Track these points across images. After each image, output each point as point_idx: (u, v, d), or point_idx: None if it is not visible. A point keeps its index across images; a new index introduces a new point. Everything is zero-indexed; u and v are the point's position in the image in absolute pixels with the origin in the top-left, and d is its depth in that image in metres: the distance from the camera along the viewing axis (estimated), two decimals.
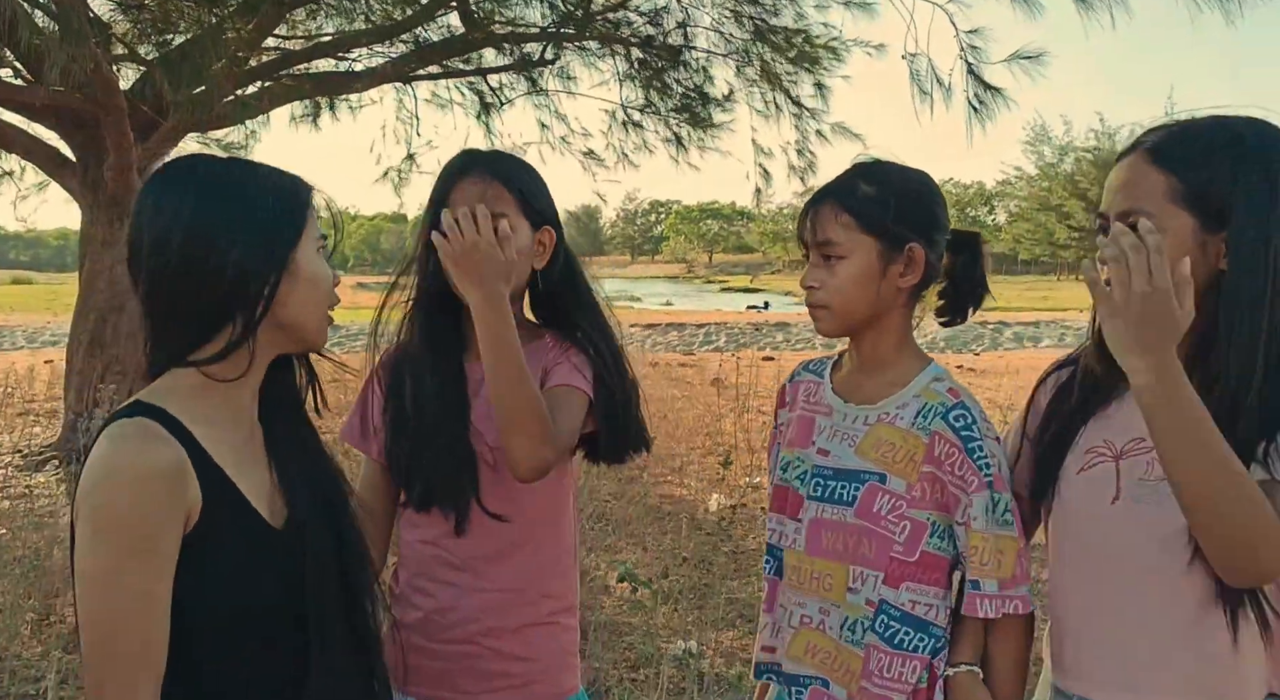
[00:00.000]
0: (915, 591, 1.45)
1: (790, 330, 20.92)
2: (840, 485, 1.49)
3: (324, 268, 1.26)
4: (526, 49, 7.81)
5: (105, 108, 6.05)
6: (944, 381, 1.50)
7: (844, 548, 1.48)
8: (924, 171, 1.56)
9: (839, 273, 1.48)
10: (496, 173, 1.59)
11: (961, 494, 1.44)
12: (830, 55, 7.97)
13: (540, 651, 1.63)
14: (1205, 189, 1.26)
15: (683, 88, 7.88)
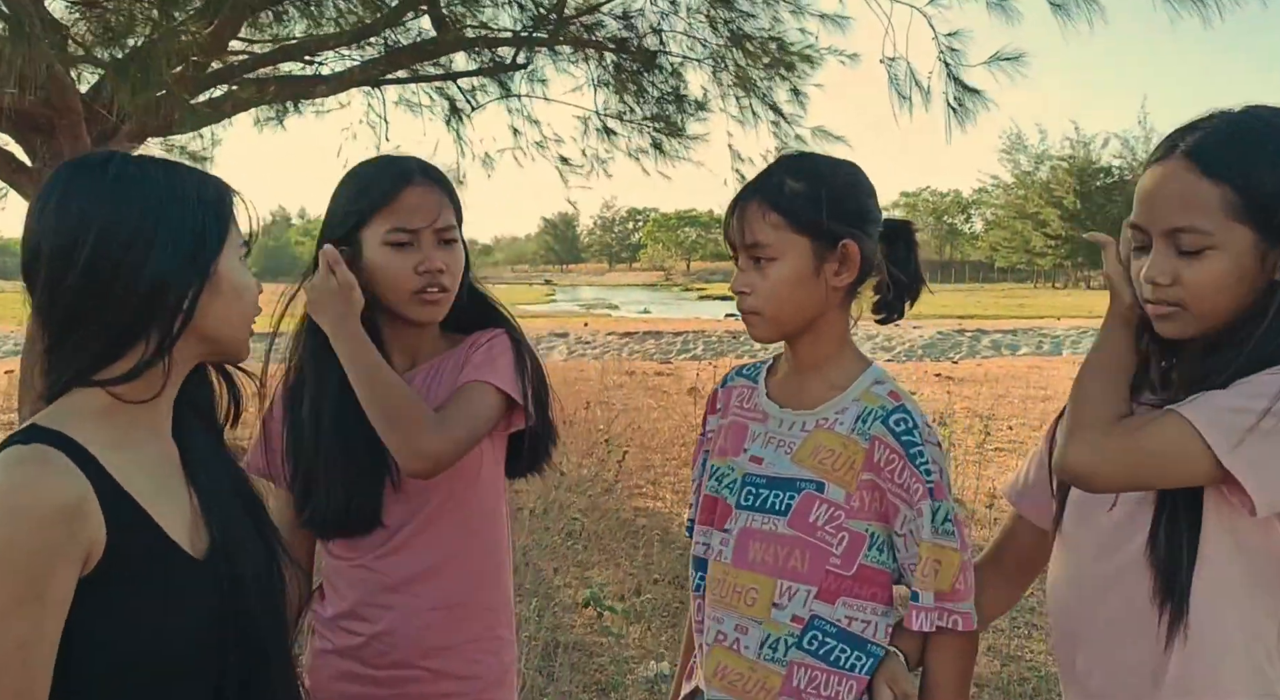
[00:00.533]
0: (853, 607, 1.39)
1: None
2: (774, 494, 1.42)
3: (247, 277, 1.16)
4: (498, 53, 7.67)
5: (60, 111, 5.87)
6: (885, 384, 1.44)
7: (773, 560, 1.40)
8: (852, 162, 1.49)
9: (771, 275, 1.40)
10: (439, 181, 1.58)
11: (902, 503, 1.36)
12: (805, 63, 7.90)
13: (483, 669, 1.59)
14: (1267, 200, 1.15)
15: (658, 93, 7.77)
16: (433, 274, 1.52)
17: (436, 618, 1.55)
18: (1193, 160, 1.17)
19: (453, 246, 1.55)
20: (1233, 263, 1.15)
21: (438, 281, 1.52)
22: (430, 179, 1.56)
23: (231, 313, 1.14)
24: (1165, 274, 1.18)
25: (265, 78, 7.14)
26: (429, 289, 1.53)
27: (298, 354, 1.61)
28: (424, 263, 1.51)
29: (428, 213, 1.52)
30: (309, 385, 1.57)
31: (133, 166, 1.10)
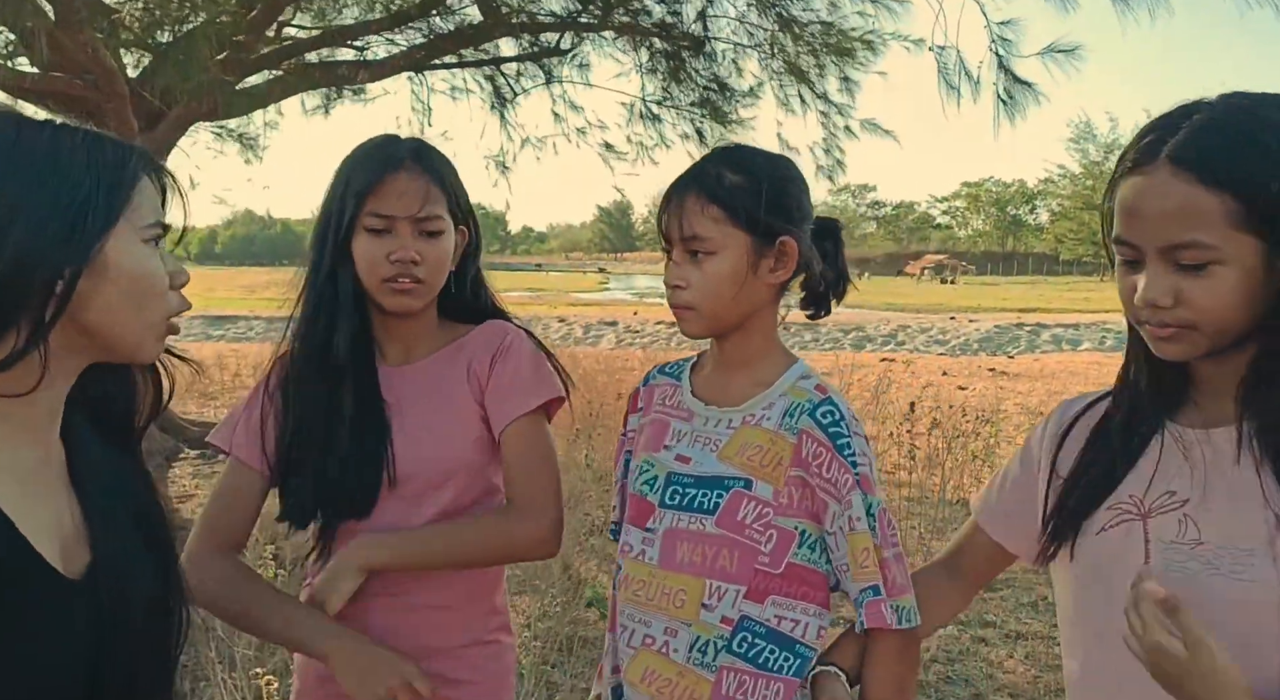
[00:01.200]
0: (782, 606, 1.34)
1: (819, 330, 20.60)
2: (701, 493, 1.37)
3: (151, 264, 0.98)
4: (543, 38, 7.61)
5: (107, 95, 5.93)
6: (811, 379, 1.41)
7: (701, 560, 1.35)
8: (787, 157, 1.45)
9: (708, 270, 1.36)
10: (429, 169, 1.49)
11: (831, 499, 1.31)
12: (865, 48, 7.69)
13: (480, 674, 1.53)
14: (1274, 205, 1.00)
15: (703, 80, 7.63)
16: (405, 264, 1.46)
17: (431, 619, 1.50)
18: (1183, 167, 1.03)
19: (435, 238, 1.48)
20: (1242, 276, 1.02)
21: (409, 272, 1.46)
22: (421, 166, 1.48)
23: (124, 305, 0.97)
24: (1166, 294, 1.05)
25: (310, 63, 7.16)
26: (400, 278, 1.46)
27: (293, 344, 1.55)
28: (397, 251, 1.46)
29: (408, 202, 1.45)
30: (303, 379, 1.52)
31: (11, 130, 0.94)
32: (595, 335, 19.46)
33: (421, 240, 1.47)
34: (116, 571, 0.99)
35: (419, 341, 1.56)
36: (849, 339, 19.59)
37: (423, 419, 1.50)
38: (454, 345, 1.56)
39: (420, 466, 1.48)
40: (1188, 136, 1.04)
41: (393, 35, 7.40)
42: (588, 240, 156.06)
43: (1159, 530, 1.11)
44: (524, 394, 1.50)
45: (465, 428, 1.51)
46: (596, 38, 7.76)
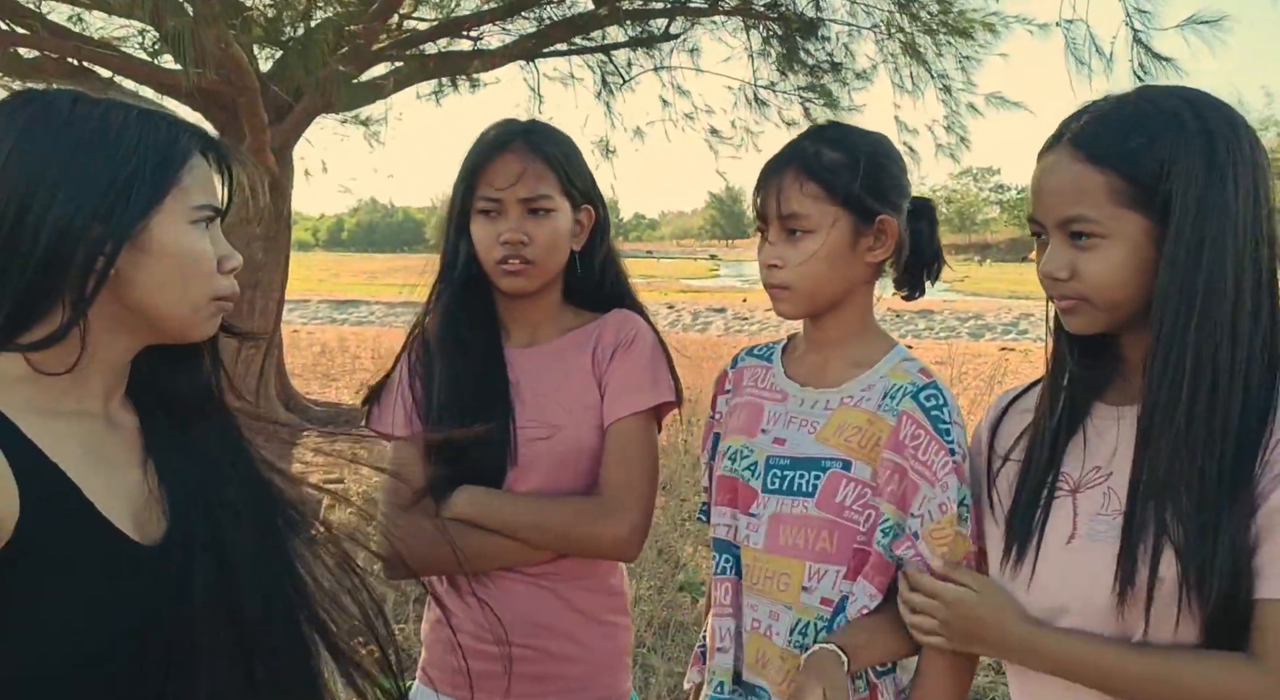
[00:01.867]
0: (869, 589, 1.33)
1: (934, 317, 19.99)
2: (799, 475, 1.36)
3: (199, 245, 0.98)
4: (653, 24, 7.59)
5: (239, 90, 6.23)
6: (914, 362, 1.39)
7: (804, 543, 1.35)
8: (884, 134, 1.41)
9: (805, 248, 1.33)
10: (537, 148, 1.48)
11: (924, 482, 1.28)
12: (985, 30, 7.39)
13: (592, 653, 1.53)
14: (1149, 183, 1.08)
15: (813, 62, 7.47)
16: (513, 245, 1.46)
17: (545, 596, 1.51)
18: (1076, 146, 1.12)
19: (544, 218, 1.48)
20: (1130, 251, 1.09)
21: (518, 253, 1.46)
22: (528, 145, 1.48)
23: (168, 284, 0.96)
24: (1062, 267, 1.13)
25: (426, 54, 7.36)
26: (510, 260, 1.47)
27: (426, 325, 1.58)
28: (505, 232, 1.46)
29: (510, 180, 1.46)
30: (449, 353, 1.54)
31: (63, 105, 0.95)
32: (704, 322, 19.43)
33: (530, 220, 1.47)
34: (193, 539, 0.99)
35: (543, 324, 1.57)
36: (966, 327, 18.93)
37: (543, 402, 1.51)
38: (581, 331, 1.56)
39: (539, 447, 1.49)
40: (1087, 120, 1.13)
41: (506, 24, 7.52)
42: (699, 227, 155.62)
43: (1086, 504, 1.17)
44: (637, 392, 1.50)
45: (584, 413, 1.51)
46: (707, 21, 7.70)
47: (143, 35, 8.16)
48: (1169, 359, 1.07)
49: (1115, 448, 1.17)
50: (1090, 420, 1.21)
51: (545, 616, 1.50)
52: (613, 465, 1.48)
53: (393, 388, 1.58)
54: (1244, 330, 1.06)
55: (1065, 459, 1.21)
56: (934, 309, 21.94)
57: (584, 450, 1.50)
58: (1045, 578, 1.18)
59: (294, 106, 7.01)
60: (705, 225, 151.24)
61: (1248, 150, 1.08)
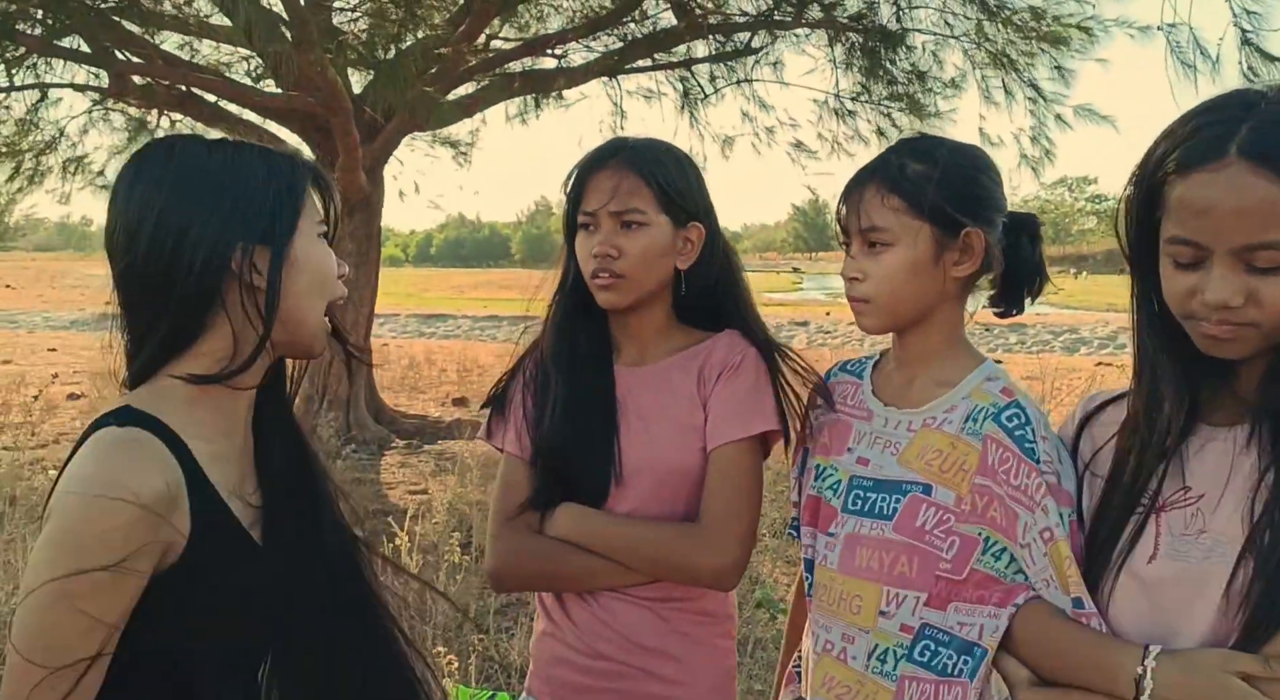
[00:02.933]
0: (964, 612, 1.27)
1: (1026, 331, 19.38)
2: (880, 497, 1.34)
3: (326, 255, 1.13)
4: (735, 38, 7.60)
5: (333, 111, 6.47)
6: (997, 381, 1.34)
7: (880, 566, 1.32)
8: (977, 146, 1.38)
9: (886, 262, 1.31)
10: (634, 164, 1.49)
11: (1022, 508, 1.23)
12: (1083, 34, 7.16)
13: (699, 675, 1.51)
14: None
15: (900, 73, 7.36)
16: (602, 258, 1.46)
17: (648, 616, 1.49)
18: (1259, 163, 0.97)
19: (636, 230, 1.47)
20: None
21: (607, 266, 1.47)
22: (625, 161, 1.48)
23: (310, 292, 1.10)
24: (1239, 294, 1.01)
25: (512, 73, 7.50)
26: (600, 273, 1.47)
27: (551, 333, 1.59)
28: (596, 245, 1.47)
29: (604, 195, 1.47)
30: (561, 371, 1.55)
31: (197, 148, 1.08)
32: (786, 335, 19.18)
33: (621, 234, 1.47)
34: (292, 544, 1.11)
35: (652, 343, 1.56)
36: (1059, 341, 18.30)
37: (648, 421, 1.51)
38: (690, 351, 1.54)
39: (643, 465, 1.49)
40: (1259, 129, 0.99)
41: (589, 42, 7.62)
42: (781, 239, 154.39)
43: (1170, 524, 1.12)
44: (741, 418, 1.46)
45: (687, 435, 1.49)
46: (789, 34, 7.66)
47: (247, 62, 8.56)
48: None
49: (1212, 470, 1.10)
50: (1192, 440, 1.14)
51: (647, 637, 1.48)
52: (714, 493, 1.45)
53: (510, 400, 1.60)
54: None
55: (1154, 477, 1.15)
56: (1027, 323, 21.26)
57: (686, 473, 1.48)
58: (1122, 594, 1.14)
59: (384, 126, 7.24)
60: (788, 238, 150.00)
61: None
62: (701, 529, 1.44)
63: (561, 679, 1.51)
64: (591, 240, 1.48)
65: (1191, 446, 1.13)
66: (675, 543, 1.44)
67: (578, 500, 1.49)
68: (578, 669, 1.50)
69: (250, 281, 1.05)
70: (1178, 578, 1.10)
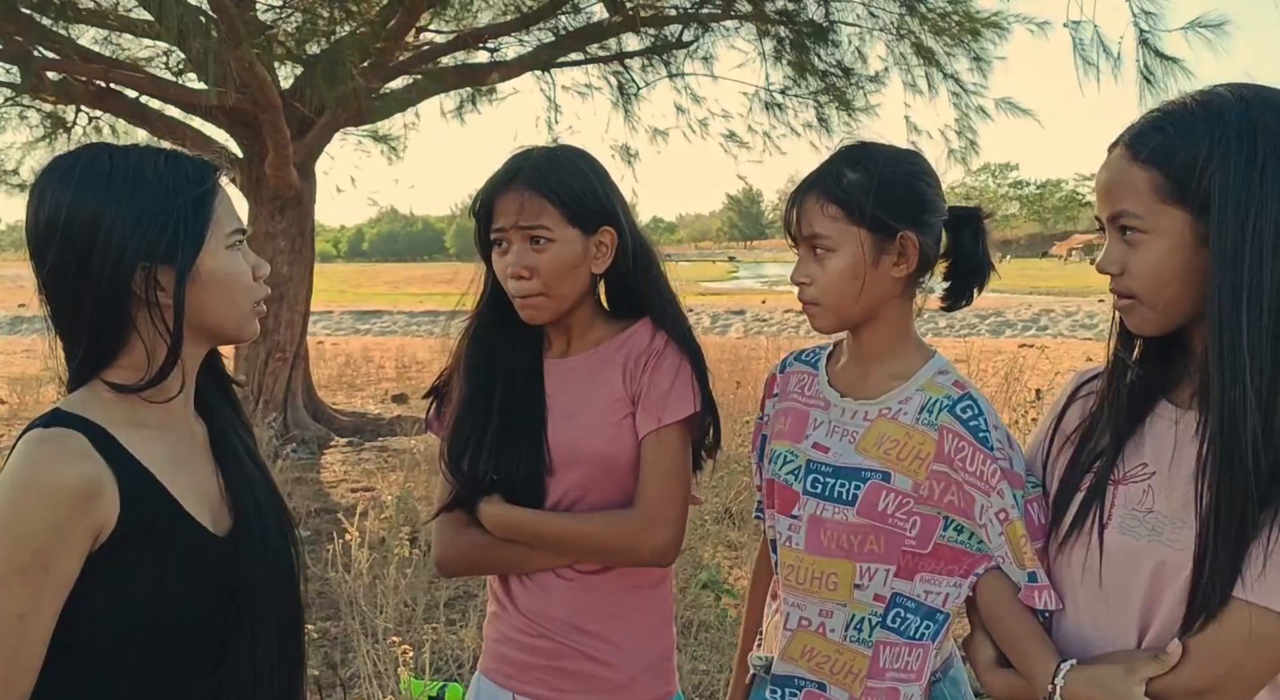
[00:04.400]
0: (930, 582, 1.40)
1: (953, 315, 19.91)
2: (839, 482, 1.43)
3: (237, 266, 1.16)
4: (666, 32, 7.68)
5: (262, 107, 6.38)
6: (949, 374, 1.44)
7: (849, 545, 1.41)
8: (914, 151, 1.48)
9: (830, 267, 1.40)
10: (536, 183, 1.52)
11: (978, 492, 1.35)
12: (992, 30, 7.43)
13: (637, 656, 1.58)
14: (1185, 178, 1.10)
15: (826, 66, 7.54)
16: (517, 278, 1.52)
17: (585, 600, 1.56)
18: (1128, 146, 1.15)
19: (546, 247, 1.51)
20: (1172, 247, 1.10)
21: (525, 289, 1.52)
22: (528, 182, 1.51)
23: (223, 301, 1.14)
24: (1113, 263, 1.16)
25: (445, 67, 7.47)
26: (519, 295, 1.53)
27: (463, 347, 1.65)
28: (510, 265, 1.52)
29: (510, 217, 1.51)
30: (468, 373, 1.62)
31: (104, 160, 1.10)
32: (723, 325, 19.45)
33: (533, 252, 1.51)
34: (254, 532, 1.18)
35: (578, 335, 1.61)
36: (986, 325, 18.87)
37: (576, 413, 1.56)
38: (614, 342, 1.59)
39: (573, 456, 1.54)
40: (1140, 122, 1.16)
41: (522, 35, 7.63)
42: (716, 229, 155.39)
43: (1126, 497, 1.20)
44: (664, 408, 1.53)
45: (615, 423, 1.55)
46: (719, 28, 7.77)
47: (167, 56, 8.34)
48: (1224, 357, 1.05)
49: (1171, 449, 1.17)
50: (1153, 417, 1.21)
51: (586, 620, 1.55)
52: (648, 478, 1.52)
53: (449, 393, 1.66)
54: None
55: (1121, 450, 1.22)
56: None
57: (614, 460, 1.55)
58: (1078, 559, 1.23)
59: (316, 121, 7.15)
60: (723, 227, 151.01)
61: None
62: (638, 512, 1.51)
63: (508, 656, 1.59)
64: (505, 258, 1.52)
65: (1155, 424, 1.20)
66: (615, 530, 1.51)
67: (513, 492, 1.55)
68: (521, 647, 1.58)
69: (155, 300, 1.09)
70: (1124, 551, 1.18)
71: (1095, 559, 1.21)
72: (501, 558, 1.58)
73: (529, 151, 1.58)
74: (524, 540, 1.55)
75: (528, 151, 1.58)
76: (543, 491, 1.55)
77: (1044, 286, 31.21)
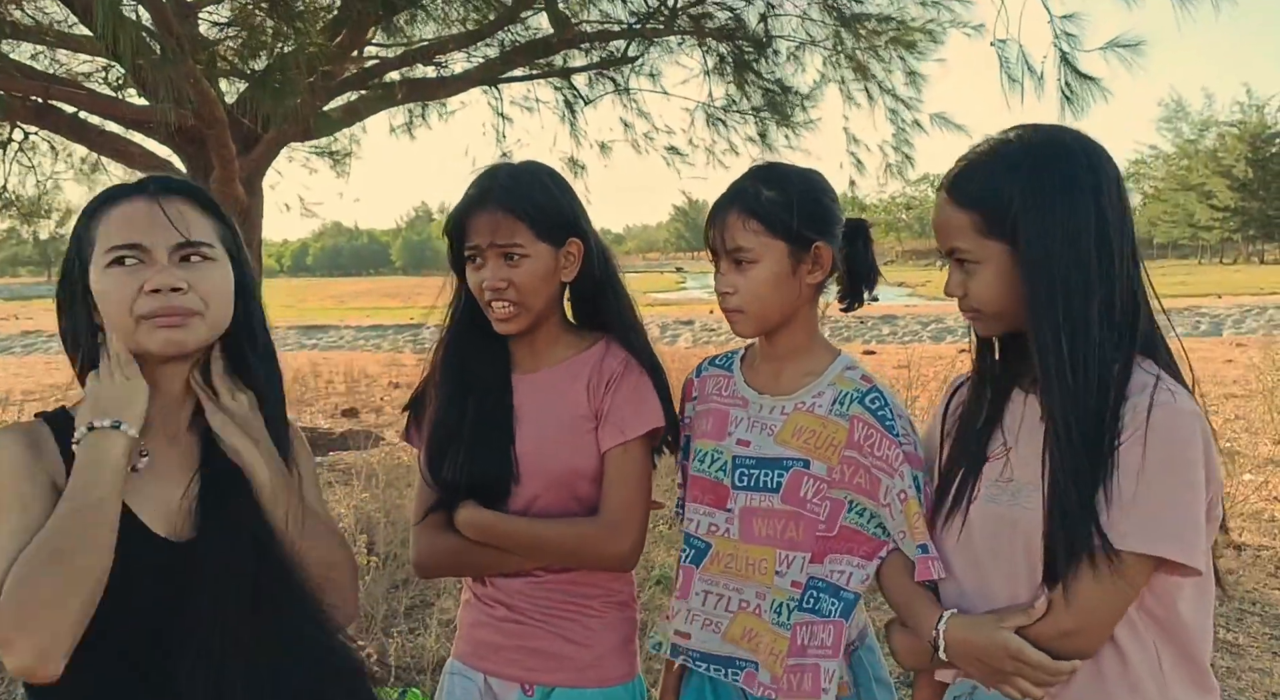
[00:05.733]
0: (835, 562, 1.52)
1: (897, 322, 20.36)
2: (764, 472, 1.56)
3: (105, 283, 1.22)
4: (610, 46, 7.81)
5: (207, 122, 6.33)
6: (856, 369, 1.59)
7: (774, 533, 1.55)
8: (816, 171, 1.62)
9: (753, 277, 1.53)
10: (506, 202, 1.60)
11: (884, 475, 1.49)
12: (927, 38, 7.70)
13: (600, 639, 1.68)
14: (999, 216, 1.32)
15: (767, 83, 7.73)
16: (493, 291, 1.59)
17: (557, 586, 1.66)
18: (949, 193, 1.36)
19: (519, 261, 1.59)
20: (997, 271, 1.33)
21: (501, 299, 1.60)
22: (500, 202, 1.59)
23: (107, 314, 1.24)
24: (957, 286, 1.38)
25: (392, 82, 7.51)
26: (495, 305, 1.60)
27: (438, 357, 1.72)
28: (486, 280, 1.60)
29: (485, 235, 1.58)
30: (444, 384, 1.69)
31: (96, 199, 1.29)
32: (672, 334, 19.61)
33: (508, 267, 1.59)
34: (213, 545, 1.21)
35: (544, 351, 1.69)
36: (927, 331, 19.31)
37: (542, 425, 1.65)
38: (579, 359, 1.67)
39: (539, 467, 1.63)
40: (958, 168, 1.38)
41: (469, 51, 7.69)
42: (664, 240, 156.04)
43: (990, 472, 1.40)
44: (629, 421, 1.62)
45: (579, 437, 1.63)
46: (663, 43, 7.92)
47: (106, 71, 8.23)
48: (1041, 351, 1.30)
49: (1019, 426, 1.38)
50: (1010, 403, 1.41)
51: (557, 604, 1.66)
52: (612, 488, 1.61)
53: (425, 404, 1.74)
54: (1094, 321, 1.27)
55: (986, 432, 1.42)
56: (897, 314, 22.32)
57: (578, 472, 1.64)
58: (954, 533, 1.42)
59: (261, 136, 7.12)
60: (670, 237, 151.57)
61: (1085, 175, 1.29)
62: (602, 521, 1.61)
63: (481, 640, 1.69)
64: (481, 274, 1.60)
65: (1010, 409, 1.41)
66: (581, 537, 1.61)
67: (482, 497, 1.63)
68: (494, 630, 1.68)
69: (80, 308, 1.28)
70: (992, 519, 1.37)
71: (969, 529, 1.39)
72: (477, 560, 1.67)
73: (495, 170, 1.66)
74: (495, 544, 1.63)
75: (494, 170, 1.66)
76: (507, 498, 1.64)
77: None
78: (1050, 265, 1.29)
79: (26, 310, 33.68)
